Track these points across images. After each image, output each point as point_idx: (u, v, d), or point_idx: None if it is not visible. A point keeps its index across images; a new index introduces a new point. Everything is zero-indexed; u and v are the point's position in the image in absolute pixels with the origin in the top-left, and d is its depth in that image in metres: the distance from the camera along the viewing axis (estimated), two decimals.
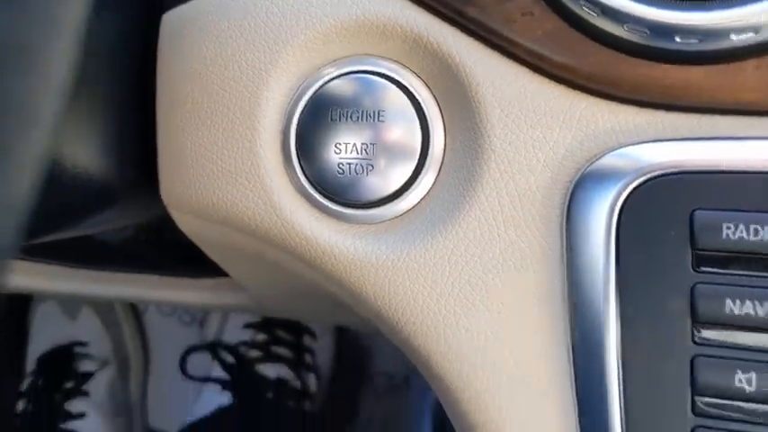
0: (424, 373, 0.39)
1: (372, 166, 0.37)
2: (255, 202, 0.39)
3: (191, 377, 1.05)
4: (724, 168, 0.32)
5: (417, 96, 0.37)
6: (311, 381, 1.17)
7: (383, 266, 0.38)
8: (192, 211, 0.41)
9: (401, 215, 0.38)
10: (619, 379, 0.34)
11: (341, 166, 0.38)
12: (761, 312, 0.31)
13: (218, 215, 0.40)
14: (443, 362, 0.37)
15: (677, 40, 0.31)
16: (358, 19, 0.37)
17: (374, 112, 0.38)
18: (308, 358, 1.19)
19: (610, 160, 0.34)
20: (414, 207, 0.38)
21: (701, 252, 0.32)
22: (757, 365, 0.31)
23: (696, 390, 0.32)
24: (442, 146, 0.37)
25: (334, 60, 0.39)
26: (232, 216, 0.39)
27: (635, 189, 0.33)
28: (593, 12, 0.32)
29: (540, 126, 0.35)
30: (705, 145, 0.32)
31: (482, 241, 0.36)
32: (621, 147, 0.33)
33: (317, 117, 0.38)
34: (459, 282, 0.36)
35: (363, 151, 0.37)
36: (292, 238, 0.39)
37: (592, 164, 0.34)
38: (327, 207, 0.39)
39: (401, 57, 0.38)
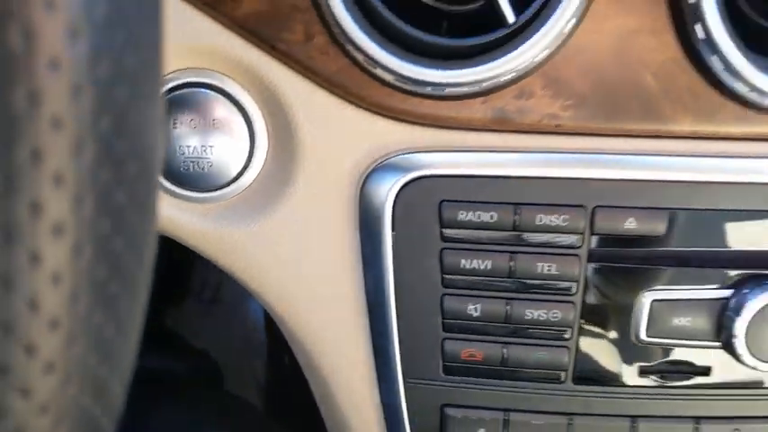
0: (271, 313, 0.53)
1: (211, 164, 0.48)
2: None
3: None
4: (461, 173, 0.46)
5: (246, 108, 0.48)
6: None
7: (225, 238, 0.50)
8: None
9: (234, 197, 0.50)
10: (397, 309, 0.49)
11: (185, 163, 0.48)
12: (482, 266, 0.47)
13: None
14: (282, 306, 0.51)
15: (428, 89, 0.44)
16: (192, 44, 0.47)
17: (210, 120, 0.48)
18: None
19: (389, 162, 0.47)
20: (245, 192, 0.49)
21: (446, 229, 0.47)
22: (482, 299, 0.48)
23: (444, 315, 0.49)
24: (266, 148, 0.49)
25: (178, 70, 0.48)
26: None
27: (406, 184, 0.47)
28: (370, 64, 0.44)
29: (341, 137, 0.47)
30: (451, 155, 0.47)
31: (302, 217, 0.49)
32: (397, 154, 0.47)
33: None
34: (288, 247, 0.49)
35: (203, 152, 0.48)
36: None
37: (377, 165, 0.47)
38: (176, 192, 0.49)
39: (233, 74, 0.48)
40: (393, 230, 0.48)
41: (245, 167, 0.49)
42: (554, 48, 0.43)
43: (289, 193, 0.49)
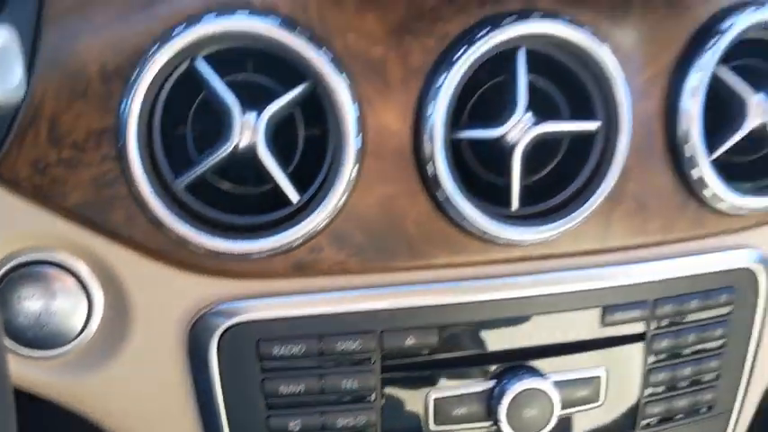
0: None
1: (54, 327, 0.55)
2: None
3: None
4: (272, 316, 0.56)
5: (81, 276, 0.56)
6: None
7: (70, 387, 0.57)
8: None
9: (77, 352, 0.57)
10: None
11: (30, 328, 0.55)
12: (297, 389, 0.57)
13: None
14: None
15: (236, 257, 0.54)
16: (23, 230, 0.54)
17: (49, 291, 0.55)
18: None
19: (211, 311, 0.56)
20: (87, 346, 0.57)
21: (264, 362, 0.57)
22: (300, 418, 0.58)
23: (270, 431, 0.58)
24: (102, 308, 0.56)
25: (13, 252, 0.55)
26: None
27: (228, 328, 0.56)
28: (183, 242, 0.53)
29: (167, 294, 0.56)
30: (263, 301, 0.57)
31: (141, 363, 0.57)
32: (217, 305, 0.56)
33: (8, 298, 0.54)
34: (130, 389, 0.57)
35: (44, 317, 0.55)
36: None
37: (201, 314, 0.56)
38: (22, 353, 0.56)
39: (65, 249, 0.55)
40: (219, 367, 0.57)
41: (86, 326, 0.56)
42: (334, 215, 0.54)
43: (127, 343, 0.57)
